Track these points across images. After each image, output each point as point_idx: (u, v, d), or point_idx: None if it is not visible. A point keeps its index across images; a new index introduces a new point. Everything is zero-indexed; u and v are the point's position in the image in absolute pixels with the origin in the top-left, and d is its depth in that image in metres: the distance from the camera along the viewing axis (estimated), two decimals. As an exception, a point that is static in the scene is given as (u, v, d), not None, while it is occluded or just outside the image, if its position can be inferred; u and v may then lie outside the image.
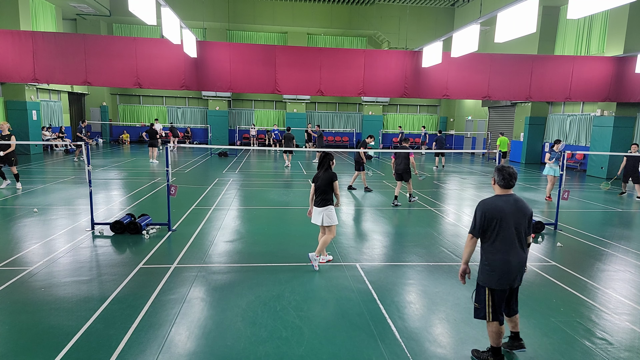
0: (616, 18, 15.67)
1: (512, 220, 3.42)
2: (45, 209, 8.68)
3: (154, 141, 17.61)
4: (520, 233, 3.46)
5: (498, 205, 3.45)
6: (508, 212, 3.42)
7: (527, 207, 3.51)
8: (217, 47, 14.35)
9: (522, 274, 3.52)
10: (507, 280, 3.47)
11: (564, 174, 8.09)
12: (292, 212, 9.15)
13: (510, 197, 3.49)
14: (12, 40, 13.10)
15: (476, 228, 3.51)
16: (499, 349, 3.59)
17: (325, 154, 5.83)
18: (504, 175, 3.48)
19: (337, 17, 26.15)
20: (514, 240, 3.44)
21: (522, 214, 3.46)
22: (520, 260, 3.46)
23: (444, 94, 15.17)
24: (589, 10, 6.93)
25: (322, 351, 3.75)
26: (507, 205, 3.44)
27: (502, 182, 3.50)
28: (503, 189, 3.52)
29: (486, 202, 3.50)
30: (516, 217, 3.44)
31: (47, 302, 4.56)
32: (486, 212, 3.45)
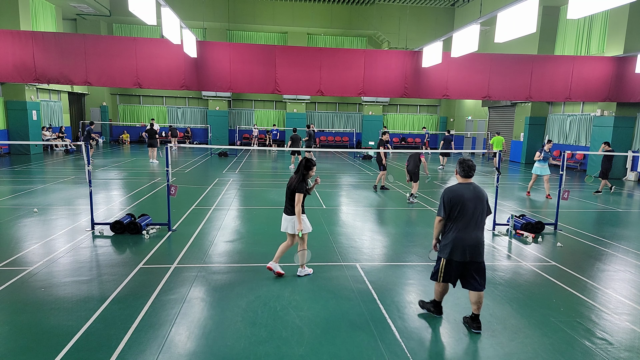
0: (616, 18, 15.67)
1: (471, 204, 4.02)
2: (45, 209, 8.68)
3: (154, 141, 17.59)
4: (477, 215, 4.05)
5: (460, 192, 4.06)
6: (468, 197, 4.03)
7: (483, 193, 4.13)
8: (217, 47, 14.35)
9: (477, 250, 4.04)
10: (460, 254, 4.03)
11: (564, 174, 8.09)
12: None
13: (470, 185, 4.12)
14: (12, 40, 13.10)
15: (444, 211, 4.09)
16: (439, 303, 4.42)
17: (305, 159, 5.22)
18: (464, 167, 4.13)
19: (337, 17, 26.15)
20: (471, 221, 4.03)
21: (479, 199, 4.07)
22: (475, 238, 4.03)
23: (444, 94, 15.17)
24: (589, 10, 6.93)
25: (322, 351, 3.75)
26: (467, 192, 4.05)
27: (462, 172, 4.15)
28: (464, 178, 4.16)
29: (450, 189, 4.11)
30: (474, 201, 4.04)
31: (47, 302, 4.56)
32: (451, 197, 4.06)
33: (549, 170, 11.47)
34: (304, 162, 5.19)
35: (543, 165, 11.44)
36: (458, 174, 4.19)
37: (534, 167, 11.62)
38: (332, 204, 10.09)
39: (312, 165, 5.20)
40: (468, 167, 4.11)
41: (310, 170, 5.18)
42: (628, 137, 16.20)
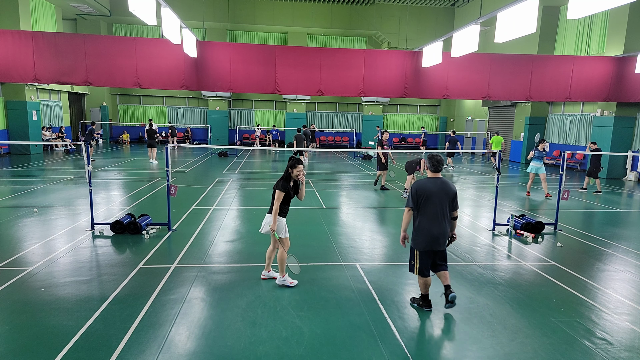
0: (616, 18, 15.67)
1: (437, 198, 4.29)
2: (45, 209, 8.68)
3: (153, 141, 17.57)
4: (444, 208, 4.32)
5: (427, 186, 4.33)
6: (434, 191, 4.30)
7: (450, 188, 4.37)
8: (217, 47, 14.35)
9: (444, 240, 4.40)
10: (430, 245, 4.36)
11: (564, 174, 8.09)
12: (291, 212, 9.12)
13: (438, 180, 4.37)
14: (12, 40, 13.10)
15: (413, 203, 4.38)
16: (427, 296, 4.62)
17: (290, 158, 4.99)
18: (433, 163, 4.38)
19: (337, 17, 26.15)
20: (438, 214, 4.30)
21: (445, 193, 4.33)
22: (441, 230, 4.34)
23: (444, 94, 15.17)
24: (589, 10, 6.93)
25: (322, 351, 3.75)
26: (434, 186, 4.32)
27: (432, 167, 4.40)
28: (433, 172, 4.41)
29: (419, 183, 4.38)
30: (440, 195, 4.30)
31: (47, 302, 4.56)
32: (418, 190, 4.32)
33: (544, 169, 11.56)
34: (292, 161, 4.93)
35: (538, 164, 11.53)
36: (428, 169, 4.45)
37: (530, 166, 11.73)
38: (332, 204, 10.09)
39: (296, 163, 4.89)
40: (437, 162, 4.37)
41: (294, 168, 4.88)
42: (628, 137, 16.19)
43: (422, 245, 4.40)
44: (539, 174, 11.60)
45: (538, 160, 11.53)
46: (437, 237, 4.32)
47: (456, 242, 7.16)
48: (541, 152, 11.52)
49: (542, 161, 11.56)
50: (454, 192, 4.37)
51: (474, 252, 6.67)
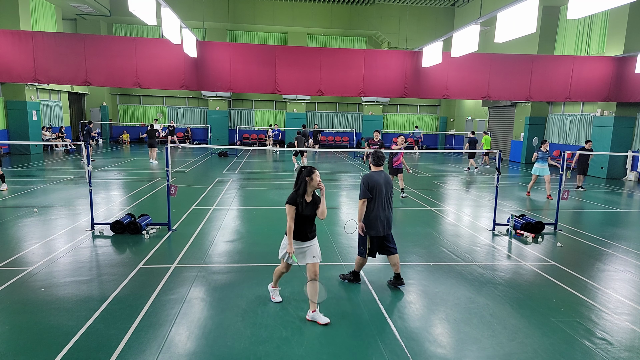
0: (616, 18, 15.67)
1: (383, 188, 4.90)
2: (45, 209, 8.68)
3: (153, 141, 17.56)
4: (388, 197, 4.97)
5: (375, 178, 4.91)
6: (380, 182, 4.90)
7: (390, 179, 5.06)
8: (217, 47, 14.35)
9: (389, 224, 5.01)
10: (379, 230, 4.92)
11: (564, 174, 8.09)
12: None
13: (381, 172, 5.00)
14: (12, 40, 13.10)
15: (368, 193, 4.86)
16: (358, 273, 5.25)
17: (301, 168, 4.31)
18: (375, 158, 5.01)
19: (337, 17, 26.14)
20: (384, 202, 4.92)
21: (388, 184, 4.98)
22: (387, 216, 4.96)
23: (444, 94, 15.17)
24: (589, 10, 6.93)
25: (322, 351, 3.75)
26: (380, 178, 4.93)
27: (374, 162, 5.02)
28: (375, 166, 5.03)
29: (368, 176, 4.95)
30: (385, 185, 4.93)
31: (47, 302, 4.56)
32: (369, 182, 4.88)
33: (548, 171, 11.40)
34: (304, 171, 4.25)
35: (542, 166, 11.38)
36: (372, 163, 5.05)
37: (534, 168, 11.58)
38: (332, 204, 10.09)
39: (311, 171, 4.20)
40: (379, 157, 5.01)
41: (311, 176, 4.17)
42: (628, 137, 16.19)
43: (376, 230, 4.89)
44: (544, 176, 11.42)
45: (542, 161, 11.37)
46: (385, 220, 4.94)
47: (456, 242, 7.17)
48: (545, 153, 11.35)
49: (546, 162, 11.39)
50: (391, 181, 5.11)
51: (474, 252, 6.67)
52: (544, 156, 11.35)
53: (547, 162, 11.40)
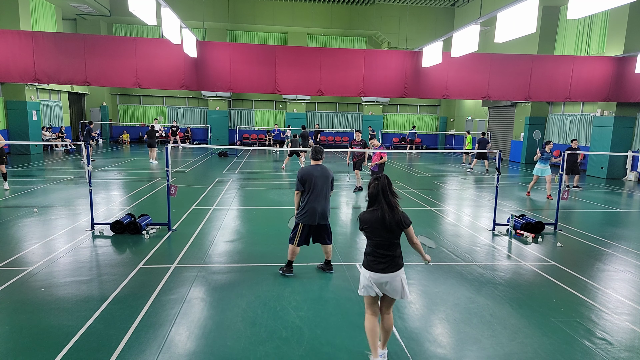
0: (616, 18, 15.66)
1: (319, 181, 5.14)
2: (45, 209, 8.68)
3: (152, 141, 17.54)
4: (324, 190, 5.19)
5: (310, 171, 5.17)
6: (316, 175, 5.15)
7: (329, 173, 5.26)
8: (217, 47, 14.35)
9: (324, 216, 5.25)
10: (312, 220, 5.18)
11: (564, 174, 8.08)
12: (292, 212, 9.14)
13: (318, 166, 5.25)
14: (12, 40, 13.10)
15: (301, 186, 5.16)
16: (291, 262, 5.44)
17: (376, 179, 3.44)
18: (313, 152, 5.32)
19: (337, 17, 26.14)
20: (320, 194, 5.16)
21: (325, 177, 5.20)
22: (323, 206, 5.21)
23: (444, 94, 15.17)
24: (589, 10, 6.93)
25: (322, 351, 3.75)
26: (316, 171, 5.18)
27: (313, 156, 5.32)
28: (314, 160, 5.31)
29: (303, 169, 5.21)
30: (321, 179, 5.16)
31: (47, 302, 4.56)
32: (303, 175, 5.15)
33: (550, 171, 11.31)
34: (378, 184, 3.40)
35: (544, 166, 11.31)
36: (311, 157, 5.34)
37: (535, 169, 11.50)
38: (332, 204, 10.08)
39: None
40: (316, 151, 5.31)
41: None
42: (628, 137, 16.19)
43: (308, 219, 5.17)
44: (545, 176, 11.38)
45: (544, 162, 11.27)
46: (320, 212, 5.19)
47: (456, 242, 7.17)
48: (548, 154, 11.27)
49: (548, 163, 11.31)
50: (331, 175, 5.30)
51: (474, 252, 6.67)
52: (547, 157, 11.27)
53: (548, 163, 11.32)
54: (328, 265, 5.65)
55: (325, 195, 5.23)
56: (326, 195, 5.24)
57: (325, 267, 5.65)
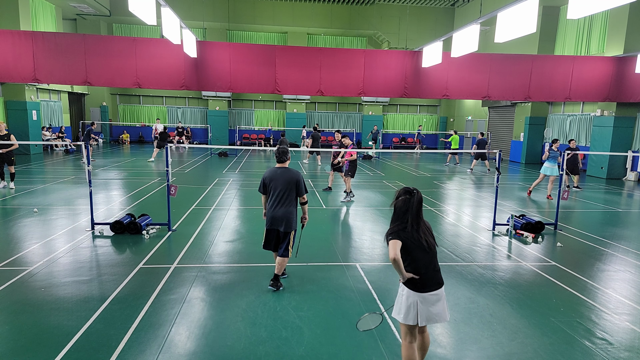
0: (616, 18, 15.67)
1: (280, 184, 4.79)
2: (45, 209, 8.68)
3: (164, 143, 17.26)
4: (287, 193, 4.80)
5: (272, 174, 4.88)
6: (278, 178, 4.82)
7: (293, 176, 4.82)
8: (217, 47, 14.35)
9: (286, 222, 4.83)
10: (273, 223, 4.88)
11: (563, 174, 8.09)
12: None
13: (281, 168, 4.88)
14: (12, 40, 13.09)
15: (262, 188, 4.99)
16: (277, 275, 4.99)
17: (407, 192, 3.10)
18: (276, 154, 4.95)
19: (337, 17, 26.14)
20: (281, 198, 4.81)
21: (287, 180, 4.80)
22: (284, 212, 4.82)
23: (444, 94, 15.17)
24: (589, 10, 6.93)
25: (322, 351, 3.75)
26: (277, 174, 4.84)
27: (276, 158, 4.96)
28: (278, 162, 4.95)
29: (266, 171, 4.97)
30: (283, 182, 4.79)
31: (47, 302, 4.56)
32: (265, 177, 4.93)
33: (557, 171, 11.05)
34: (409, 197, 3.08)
35: (552, 165, 11.19)
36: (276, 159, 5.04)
37: (543, 167, 11.41)
38: (332, 204, 10.09)
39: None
40: (279, 153, 4.93)
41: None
42: (628, 137, 16.19)
43: (267, 223, 4.93)
44: (550, 176, 11.26)
45: (552, 161, 11.14)
46: (278, 217, 4.83)
47: (456, 242, 7.17)
48: (556, 153, 11.13)
49: (556, 162, 11.12)
50: (296, 179, 4.82)
51: (474, 252, 6.67)
52: (555, 155, 11.19)
53: (557, 162, 11.16)
54: (276, 279, 4.92)
55: (287, 201, 4.80)
56: (288, 200, 4.81)
57: (273, 283, 4.91)
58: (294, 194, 4.86)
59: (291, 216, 4.86)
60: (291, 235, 4.91)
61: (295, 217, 4.93)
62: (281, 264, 4.94)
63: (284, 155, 4.92)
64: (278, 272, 4.96)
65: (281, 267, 4.96)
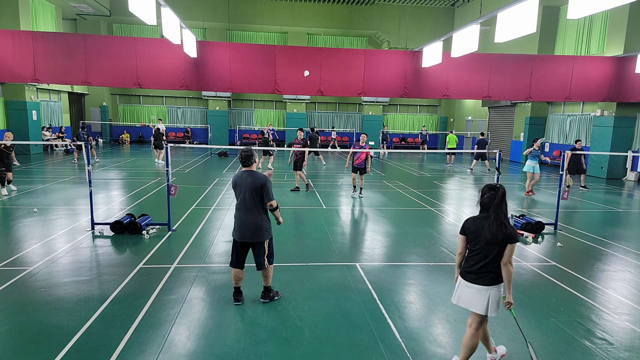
0: (616, 18, 15.66)
1: (245, 189, 4.43)
2: (45, 209, 8.68)
3: (160, 143, 17.20)
4: (254, 199, 4.43)
5: (237, 179, 4.54)
6: (242, 183, 4.46)
7: (258, 180, 4.42)
8: (217, 47, 14.35)
9: (255, 231, 4.43)
10: (242, 234, 4.45)
11: (563, 174, 8.08)
12: (292, 212, 9.15)
13: (246, 172, 4.53)
14: (12, 40, 13.09)
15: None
16: (238, 289, 4.67)
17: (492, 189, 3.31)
18: (240, 157, 4.59)
19: (337, 17, 26.14)
20: (246, 205, 4.43)
21: (253, 185, 4.41)
22: (252, 220, 4.42)
23: (444, 94, 15.16)
24: (589, 10, 6.93)
25: (322, 351, 3.75)
26: (242, 179, 4.48)
27: (241, 161, 4.59)
28: (243, 166, 4.62)
29: (234, 176, 4.62)
30: (249, 187, 4.41)
31: (47, 302, 4.56)
32: (232, 182, 4.60)
33: (539, 169, 11.61)
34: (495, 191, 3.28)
35: (535, 163, 11.53)
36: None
37: (527, 166, 11.65)
38: (332, 204, 10.09)
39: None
40: (243, 157, 4.56)
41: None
42: (628, 137, 16.19)
43: (235, 234, 4.52)
44: (535, 174, 11.54)
45: (534, 159, 11.53)
46: (244, 227, 4.43)
47: (456, 242, 7.15)
48: (537, 151, 11.54)
49: (537, 160, 11.54)
50: (260, 184, 4.41)
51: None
52: (536, 154, 11.54)
53: (538, 160, 11.53)
54: (266, 290, 4.69)
55: (252, 207, 4.40)
56: (253, 206, 4.41)
57: (264, 294, 4.69)
58: (260, 200, 4.44)
59: (261, 223, 4.44)
60: (266, 244, 4.50)
61: (266, 224, 4.50)
62: (266, 275, 4.61)
63: (248, 159, 4.53)
64: (267, 284, 4.68)
65: (267, 278, 4.63)
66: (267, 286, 4.70)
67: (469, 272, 3.35)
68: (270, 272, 4.63)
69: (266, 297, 4.70)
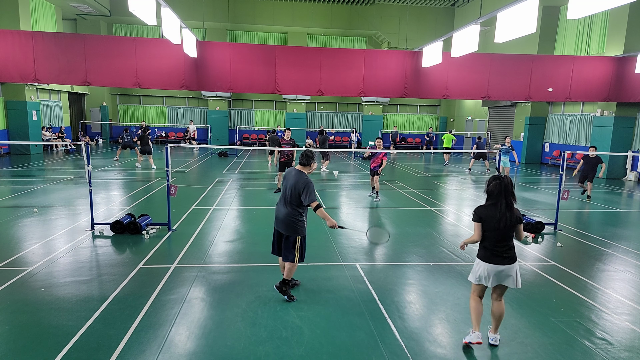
0: (616, 18, 15.67)
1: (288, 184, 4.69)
2: (45, 209, 8.68)
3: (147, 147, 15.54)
4: (291, 195, 4.64)
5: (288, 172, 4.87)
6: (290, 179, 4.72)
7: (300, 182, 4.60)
8: (217, 47, 14.35)
9: (282, 223, 4.70)
10: (275, 223, 4.82)
11: (563, 174, 8.08)
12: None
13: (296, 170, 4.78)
14: (12, 40, 13.10)
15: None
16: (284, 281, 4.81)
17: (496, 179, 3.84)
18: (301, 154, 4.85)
19: (337, 17, 26.14)
20: (285, 198, 4.70)
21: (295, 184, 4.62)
22: (284, 214, 4.69)
23: (444, 94, 15.17)
24: (589, 10, 6.93)
25: (322, 351, 3.75)
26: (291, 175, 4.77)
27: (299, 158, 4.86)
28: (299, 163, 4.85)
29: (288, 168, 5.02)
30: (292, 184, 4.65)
31: (47, 302, 4.56)
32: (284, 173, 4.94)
33: (509, 163, 14.19)
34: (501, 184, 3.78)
35: (506, 158, 13.97)
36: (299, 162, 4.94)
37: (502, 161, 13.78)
38: (332, 203, 10.09)
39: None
40: (304, 155, 4.82)
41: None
42: (628, 137, 16.19)
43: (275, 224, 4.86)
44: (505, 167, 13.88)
45: (505, 155, 13.88)
46: (278, 218, 4.76)
47: (456, 242, 7.16)
48: (508, 148, 13.83)
49: (508, 156, 13.98)
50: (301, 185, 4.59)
51: (474, 252, 6.65)
52: (507, 150, 13.86)
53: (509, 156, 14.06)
54: (281, 283, 4.77)
55: (288, 203, 4.63)
56: (287, 202, 4.64)
57: (280, 286, 4.77)
58: (298, 199, 4.61)
59: (291, 219, 4.64)
60: (294, 240, 4.67)
61: (298, 222, 4.66)
62: (289, 269, 4.73)
63: (306, 159, 4.79)
64: (287, 277, 4.76)
65: (289, 272, 4.75)
66: (286, 279, 4.78)
67: (497, 256, 3.76)
68: (292, 268, 4.76)
69: (280, 290, 4.76)
